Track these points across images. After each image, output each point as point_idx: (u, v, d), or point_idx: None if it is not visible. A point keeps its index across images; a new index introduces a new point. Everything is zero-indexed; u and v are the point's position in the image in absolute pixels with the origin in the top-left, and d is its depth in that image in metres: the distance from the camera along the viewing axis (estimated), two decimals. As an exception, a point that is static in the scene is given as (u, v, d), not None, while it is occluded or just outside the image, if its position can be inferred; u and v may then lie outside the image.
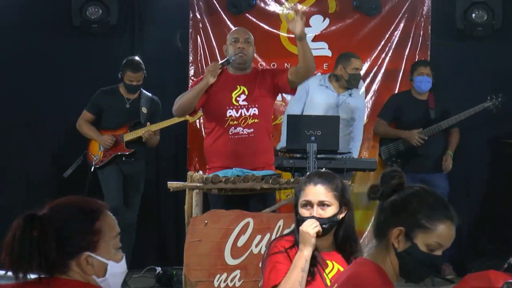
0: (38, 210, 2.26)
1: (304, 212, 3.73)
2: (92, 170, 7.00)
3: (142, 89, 7.19)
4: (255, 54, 6.05)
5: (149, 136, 6.97)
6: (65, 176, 7.12)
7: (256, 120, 5.64)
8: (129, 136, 7.04)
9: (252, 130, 5.63)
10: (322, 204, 3.71)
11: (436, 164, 7.42)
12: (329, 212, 3.71)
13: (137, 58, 7.16)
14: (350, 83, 7.14)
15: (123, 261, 2.34)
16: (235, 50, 5.66)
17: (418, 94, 7.44)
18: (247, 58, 5.71)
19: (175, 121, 7.00)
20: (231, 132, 5.63)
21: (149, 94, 7.21)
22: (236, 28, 6.07)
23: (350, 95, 7.19)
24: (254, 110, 5.64)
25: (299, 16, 5.35)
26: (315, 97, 7.08)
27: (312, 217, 3.69)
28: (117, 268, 2.30)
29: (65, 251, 2.21)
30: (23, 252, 2.17)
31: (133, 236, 7.10)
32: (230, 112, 5.64)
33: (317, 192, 3.72)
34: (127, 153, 7.03)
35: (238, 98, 5.64)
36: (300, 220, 3.74)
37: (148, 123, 7.03)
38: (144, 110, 7.11)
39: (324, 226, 3.70)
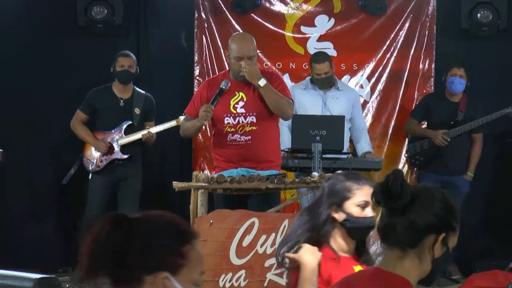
0: (129, 213, 2.06)
1: (360, 212, 3.62)
2: (90, 176, 7.03)
3: (134, 87, 7.18)
4: (260, 54, 6.03)
5: (148, 138, 6.97)
6: (64, 183, 7.13)
7: (254, 128, 5.62)
8: (124, 140, 7.04)
9: (249, 137, 5.61)
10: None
11: (459, 167, 7.40)
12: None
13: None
14: (319, 86, 7.17)
15: None
16: (238, 68, 5.59)
17: (450, 95, 7.43)
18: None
19: (171, 126, 7.00)
20: (228, 139, 5.63)
21: (142, 92, 7.20)
22: (239, 40, 5.72)
23: (337, 89, 7.21)
24: (252, 118, 5.62)
25: (244, 67, 5.49)
26: (301, 100, 7.04)
27: (371, 217, 3.61)
28: None
29: (146, 263, 1.99)
30: (105, 253, 1.97)
31: None
32: (227, 120, 5.63)
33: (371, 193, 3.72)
34: (124, 157, 7.04)
35: (236, 105, 5.61)
36: (350, 221, 3.59)
37: (151, 123, 7.03)
38: (137, 111, 7.09)
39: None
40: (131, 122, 7.06)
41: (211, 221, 4.98)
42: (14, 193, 7.71)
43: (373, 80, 7.93)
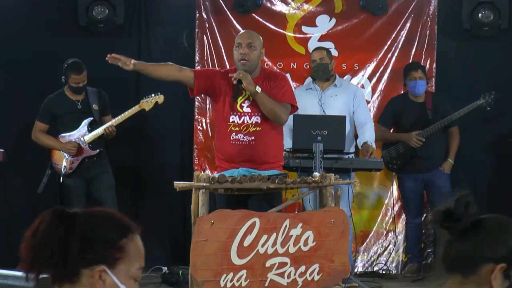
0: (68, 208, 2.07)
1: None
2: (61, 180, 7.03)
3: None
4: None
5: (111, 131, 6.99)
6: (39, 192, 7.10)
7: (258, 128, 5.61)
8: (90, 136, 7.04)
9: (253, 137, 5.60)
10: None
11: (437, 163, 7.44)
12: None
13: (77, 59, 7.11)
14: (314, 75, 7.26)
15: None
16: (238, 56, 5.62)
17: (414, 97, 7.46)
18: (250, 64, 5.62)
19: (134, 112, 7.03)
20: (232, 138, 5.62)
21: (94, 89, 7.22)
22: (242, 31, 5.97)
23: (335, 85, 7.23)
24: (257, 118, 5.62)
25: (238, 74, 5.48)
26: (300, 101, 7.06)
27: None
28: None
29: (84, 256, 2.00)
30: (45, 248, 1.98)
31: None
32: (233, 118, 5.62)
33: None
34: (94, 153, 7.05)
35: (243, 104, 5.61)
36: None
37: (108, 117, 7.09)
38: (95, 107, 7.13)
39: None
40: (92, 118, 7.10)
41: (212, 221, 4.98)
42: (14, 193, 7.70)
43: (374, 80, 7.93)
